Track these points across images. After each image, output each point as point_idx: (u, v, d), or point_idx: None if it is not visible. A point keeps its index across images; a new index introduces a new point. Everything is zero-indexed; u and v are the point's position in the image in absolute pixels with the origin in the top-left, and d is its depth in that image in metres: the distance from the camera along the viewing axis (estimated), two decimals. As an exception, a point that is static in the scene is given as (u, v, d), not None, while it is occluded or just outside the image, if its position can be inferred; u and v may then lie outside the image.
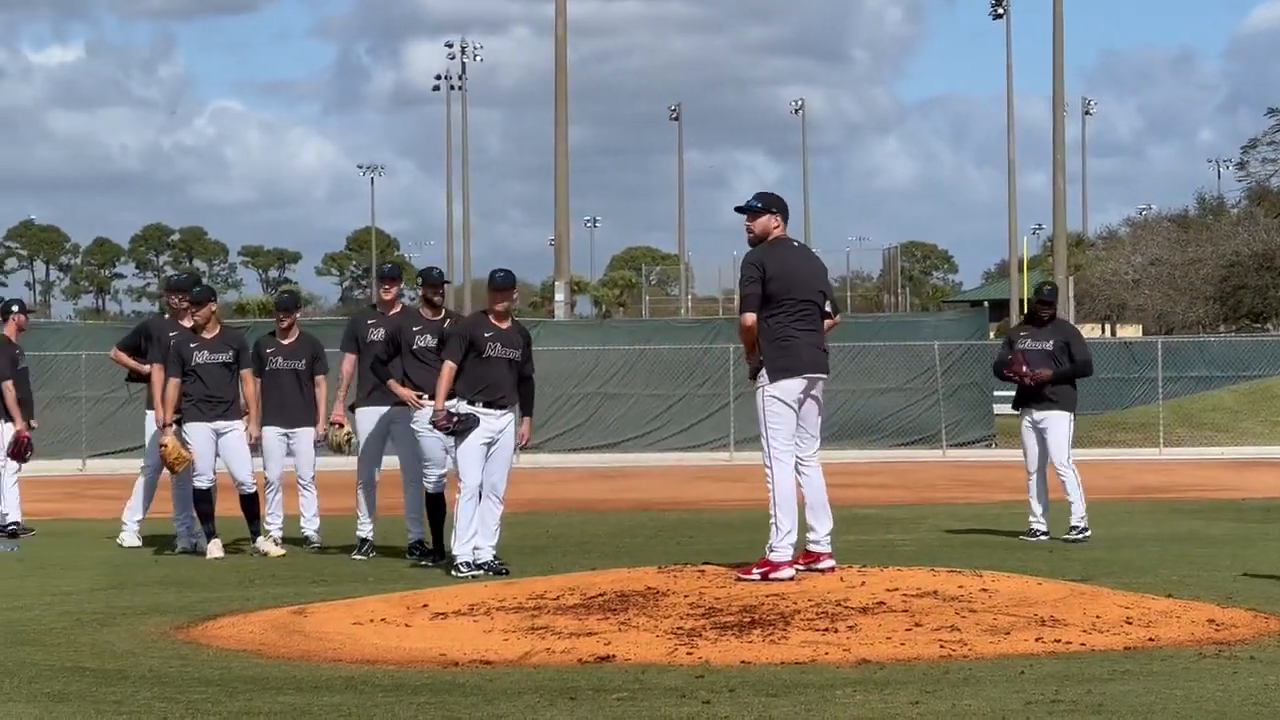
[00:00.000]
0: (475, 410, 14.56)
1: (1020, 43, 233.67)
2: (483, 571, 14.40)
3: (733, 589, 11.01)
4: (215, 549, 16.71)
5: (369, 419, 16.30)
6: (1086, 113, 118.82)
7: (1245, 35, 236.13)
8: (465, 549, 14.53)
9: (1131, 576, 13.89)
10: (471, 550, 14.54)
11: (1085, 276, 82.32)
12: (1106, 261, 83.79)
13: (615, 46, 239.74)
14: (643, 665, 9.56)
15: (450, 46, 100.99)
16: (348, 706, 8.57)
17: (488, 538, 14.62)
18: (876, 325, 44.36)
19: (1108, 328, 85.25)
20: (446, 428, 14.65)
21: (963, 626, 10.19)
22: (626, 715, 8.29)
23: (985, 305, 65.06)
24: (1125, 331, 79.71)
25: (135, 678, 9.55)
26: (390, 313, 16.44)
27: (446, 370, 14.68)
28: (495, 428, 14.64)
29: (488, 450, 14.61)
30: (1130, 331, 78.73)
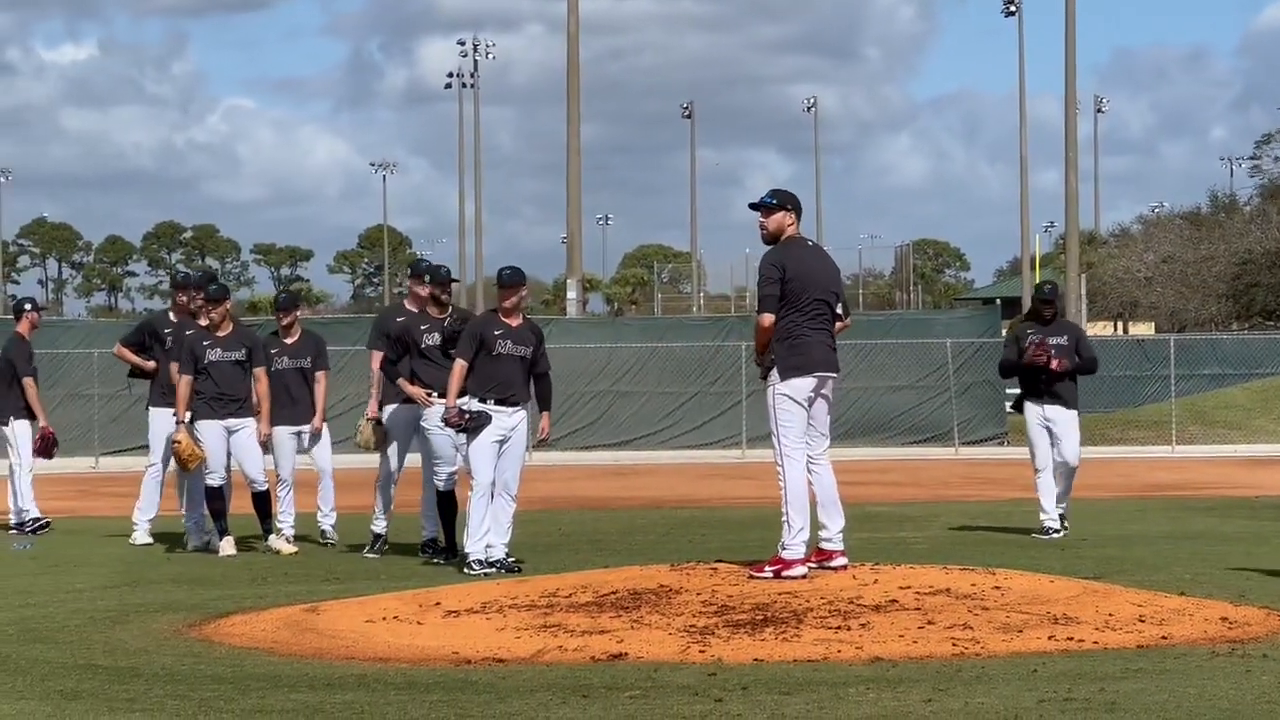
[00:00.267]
0: (487, 408, 14.57)
1: (1032, 40, 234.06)
2: (495, 569, 14.39)
3: (745, 587, 11.01)
4: (228, 546, 16.72)
5: (401, 416, 16.21)
6: (1099, 110, 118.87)
7: (1258, 32, 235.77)
8: (478, 547, 14.53)
9: (1144, 574, 13.87)
10: (484, 548, 14.53)
11: (1098, 274, 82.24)
12: (1119, 259, 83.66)
13: (627, 44, 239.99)
14: (655, 663, 9.55)
15: (462, 44, 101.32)
16: (360, 704, 8.57)
17: (500, 535, 14.62)
18: (888, 323, 44.35)
19: (1120, 325, 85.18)
20: (459, 425, 14.64)
21: (975, 624, 10.18)
22: (639, 713, 8.28)
23: (997, 303, 65.08)
24: (1138, 329, 79.62)
25: (148, 675, 9.56)
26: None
27: (458, 368, 14.67)
28: (507, 425, 14.63)
29: (499, 448, 14.60)
30: (1143, 329, 78.61)
